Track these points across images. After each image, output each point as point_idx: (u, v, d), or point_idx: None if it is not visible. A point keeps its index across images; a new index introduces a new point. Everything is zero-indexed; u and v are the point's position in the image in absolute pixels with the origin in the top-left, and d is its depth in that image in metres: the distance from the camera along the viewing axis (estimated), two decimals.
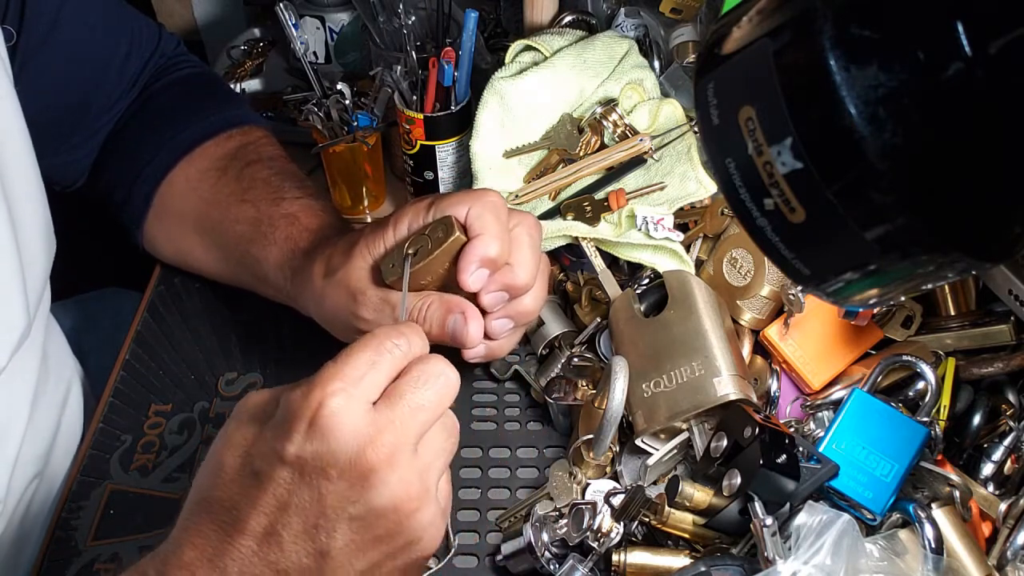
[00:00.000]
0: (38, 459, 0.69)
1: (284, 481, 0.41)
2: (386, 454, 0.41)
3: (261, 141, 0.78)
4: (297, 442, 0.40)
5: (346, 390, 0.41)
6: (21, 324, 0.61)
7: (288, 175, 0.74)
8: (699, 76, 0.34)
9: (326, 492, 0.40)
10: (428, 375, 0.44)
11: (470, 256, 0.55)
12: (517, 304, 0.60)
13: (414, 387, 0.43)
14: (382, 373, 0.43)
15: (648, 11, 0.82)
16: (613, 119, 0.75)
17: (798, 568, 0.47)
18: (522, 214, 0.60)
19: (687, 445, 0.60)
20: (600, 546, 0.55)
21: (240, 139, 0.77)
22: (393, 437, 0.41)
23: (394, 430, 0.41)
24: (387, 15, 0.84)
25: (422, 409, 0.43)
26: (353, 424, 0.40)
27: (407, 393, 0.43)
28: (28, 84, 0.67)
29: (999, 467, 0.58)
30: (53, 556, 0.62)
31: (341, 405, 0.40)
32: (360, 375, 0.42)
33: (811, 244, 0.33)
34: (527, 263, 0.58)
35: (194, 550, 0.41)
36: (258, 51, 1.07)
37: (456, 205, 0.57)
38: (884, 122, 0.28)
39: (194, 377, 0.75)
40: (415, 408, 0.43)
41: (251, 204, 0.71)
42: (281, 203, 0.70)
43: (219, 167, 0.75)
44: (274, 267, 0.68)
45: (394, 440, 0.41)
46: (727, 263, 0.68)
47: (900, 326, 0.64)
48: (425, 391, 0.43)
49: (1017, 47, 0.28)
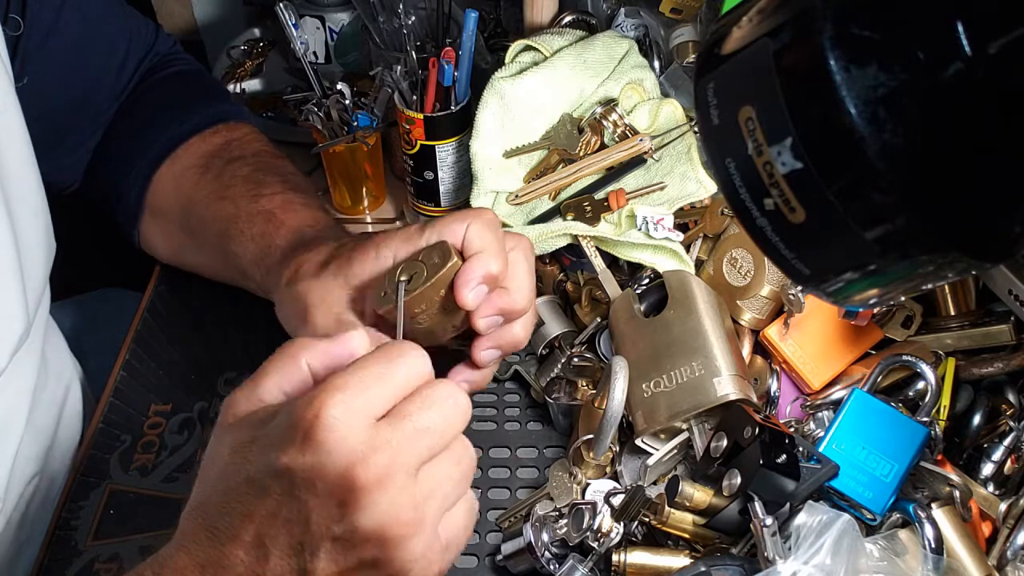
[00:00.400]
0: (37, 458, 0.69)
1: (275, 492, 0.39)
2: (376, 474, 0.38)
3: (247, 137, 0.77)
4: (291, 452, 0.38)
5: (347, 402, 0.39)
6: (21, 325, 0.61)
7: (269, 170, 0.73)
8: (699, 76, 0.34)
9: (312, 508, 0.38)
10: (436, 398, 0.41)
11: (471, 272, 0.52)
12: (507, 332, 0.57)
13: (420, 408, 0.41)
14: (390, 388, 0.41)
15: (648, 11, 0.82)
16: (613, 119, 0.75)
17: (798, 568, 0.47)
18: (517, 237, 0.58)
19: (687, 445, 0.60)
20: (600, 546, 0.55)
21: (226, 135, 0.77)
22: (388, 458, 0.39)
23: (390, 451, 0.39)
24: (387, 15, 0.84)
25: (426, 432, 0.40)
26: (348, 438, 0.38)
27: (412, 414, 0.40)
28: (28, 85, 0.67)
29: (999, 467, 0.58)
30: (53, 556, 0.62)
31: (339, 417, 0.38)
32: (365, 387, 0.40)
33: (811, 244, 0.33)
34: (524, 288, 0.56)
35: (187, 556, 0.40)
36: (258, 51, 1.07)
37: (452, 224, 0.54)
38: (884, 122, 0.28)
39: (194, 377, 0.74)
40: (419, 430, 0.40)
41: (230, 201, 0.70)
42: (259, 200, 0.69)
43: (202, 164, 0.74)
44: (251, 263, 0.67)
45: (388, 461, 0.39)
46: (727, 263, 0.68)
47: (900, 326, 0.64)
48: (431, 413, 0.41)
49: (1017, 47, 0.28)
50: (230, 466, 0.41)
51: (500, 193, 0.76)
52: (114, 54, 0.77)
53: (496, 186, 0.76)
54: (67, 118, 0.75)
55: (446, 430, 0.41)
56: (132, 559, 0.62)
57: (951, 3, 0.28)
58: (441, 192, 0.83)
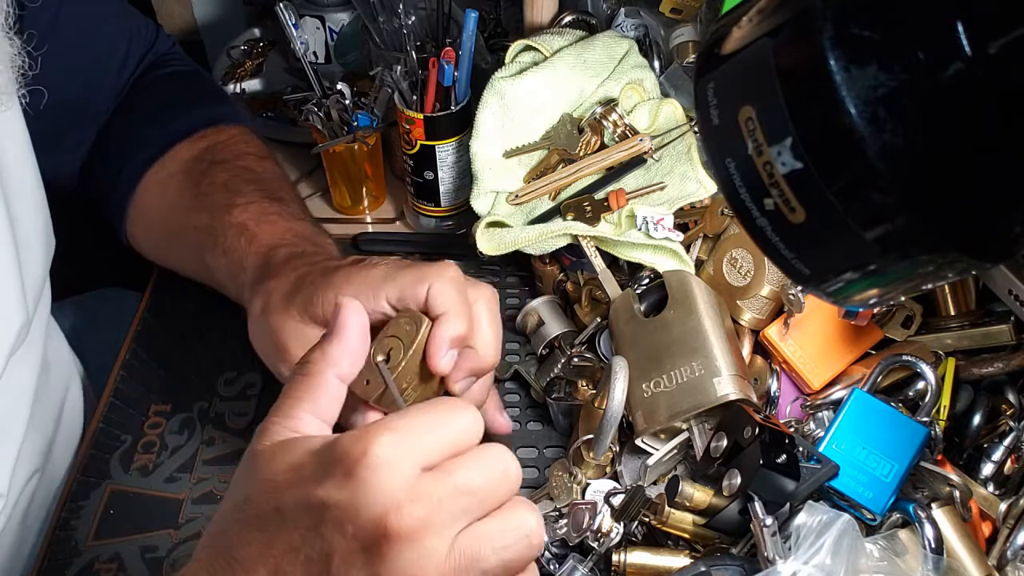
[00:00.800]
0: (38, 457, 0.69)
1: (301, 526, 0.37)
2: (410, 526, 0.36)
3: (233, 139, 0.77)
4: (328, 487, 0.37)
5: (396, 444, 0.37)
6: (20, 323, 0.61)
7: (247, 177, 0.72)
8: (699, 76, 0.34)
9: (335, 548, 0.36)
10: (487, 460, 0.39)
11: (440, 337, 0.51)
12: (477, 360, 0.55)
13: (466, 467, 0.38)
14: (442, 441, 0.38)
15: (648, 11, 0.82)
16: (613, 119, 0.75)
17: (798, 568, 0.47)
18: (480, 287, 0.56)
19: (687, 445, 0.60)
20: (600, 546, 0.55)
21: (212, 138, 0.76)
22: (424, 511, 0.36)
23: (428, 504, 0.36)
24: (387, 15, 0.84)
25: (468, 493, 0.38)
26: (390, 482, 0.36)
27: (458, 471, 0.38)
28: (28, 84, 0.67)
29: (999, 467, 0.58)
30: (53, 556, 0.62)
31: (385, 458, 0.36)
32: (418, 434, 0.38)
33: (811, 244, 0.33)
34: (490, 343, 0.54)
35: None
36: (258, 51, 1.07)
37: (415, 285, 0.52)
38: (884, 122, 0.28)
39: (194, 377, 0.74)
40: (461, 489, 0.37)
41: (205, 212, 0.70)
42: (232, 211, 0.68)
43: (184, 170, 0.74)
44: (225, 278, 0.67)
45: (425, 515, 0.36)
46: (727, 263, 0.68)
47: (900, 326, 0.64)
48: (476, 474, 0.38)
49: (1017, 47, 0.28)
50: (260, 495, 0.39)
51: (500, 193, 0.77)
52: (114, 53, 0.77)
53: (496, 186, 0.76)
54: (68, 117, 0.75)
55: (489, 494, 0.39)
56: (132, 559, 0.62)
57: (951, 3, 0.28)
58: (441, 192, 0.83)
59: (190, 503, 0.66)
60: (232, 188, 0.71)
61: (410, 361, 0.50)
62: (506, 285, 0.82)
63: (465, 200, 0.80)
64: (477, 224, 0.73)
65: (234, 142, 0.76)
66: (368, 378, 0.50)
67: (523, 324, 0.73)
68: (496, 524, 0.39)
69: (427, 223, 0.87)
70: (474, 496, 0.38)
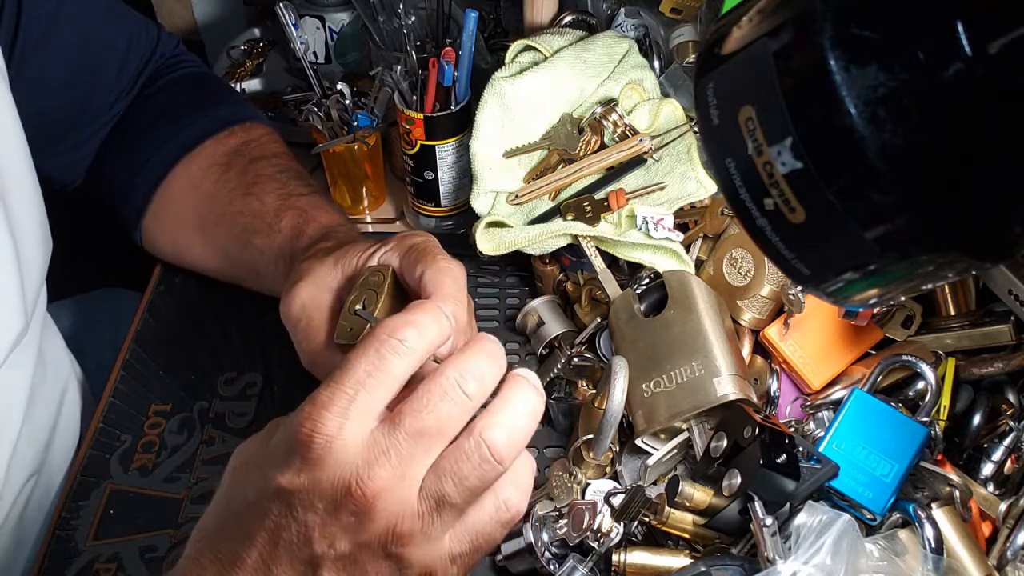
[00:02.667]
0: (35, 458, 0.69)
1: (274, 514, 0.38)
2: (376, 487, 0.37)
3: (264, 138, 0.78)
4: (288, 474, 0.37)
5: (338, 415, 0.37)
6: (18, 324, 0.61)
7: (292, 172, 0.75)
8: (699, 76, 0.34)
9: (313, 526, 0.37)
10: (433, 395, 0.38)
11: None
12: None
13: (413, 410, 0.38)
14: (383, 387, 0.38)
15: (648, 11, 0.82)
16: (613, 119, 0.75)
17: (798, 568, 0.47)
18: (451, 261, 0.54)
19: (687, 445, 0.60)
20: (600, 546, 0.55)
21: (242, 136, 0.78)
22: (385, 470, 0.37)
23: (386, 461, 0.37)
24: (387, 15, 0.84)
25: (420, 434, 0.38)
26: (344, 453, 0.37)
27: (406, 418, 0.38)
28: (26, 85, 0.67)
29: (999, 467, 0.58)
30: (53, 556, 0.62)
31: (331, 433, 0.37)
32: (353, 394, 0.37)
33: (811, 244, 0.33)
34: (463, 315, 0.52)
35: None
36: (258, 51, 1.07)
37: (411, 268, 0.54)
38: (884, 122, 0.28)
39: (194, 377, 0.74)
40: (412, 434, 0.37)
41: (256, 197, 0.71)
42: (289, 198, 0.71)
43: (222, 163, 0.75)
44: (275, 256, 0.68)
45: (387, 473, 0.37)
46: (727, 263, 0.68)
47: (900, 326, 0.64)
48: (425, 414, 0.38)
49: (1017, 47, 0.28)
50: (232, 489, 0.40)
51: (500, 193, 0.77)
52: (113, 55, 0.77)
53: (496, 186, 0.76)
54: (67, 117, 0.75)
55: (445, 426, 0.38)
56: (132, 559, 0.62)
57: (951, 3, 0.28)
58: (441, 192, 0.83)
59: (190, 503, 0.66)
60: (282, 180, 0.73)
61: (383, 304, 0.54)
62: (506, 285, 0.82)
63: (465, 200, 0.80)
64: (477, 224, 0.73)
65: (265, 141, 0.78)
66: (350, 326, 0.53)
67: (523, 324, 0.73)
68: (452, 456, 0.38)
69: (427, 223, 0.87)
70: (427, 436, 0.38)
